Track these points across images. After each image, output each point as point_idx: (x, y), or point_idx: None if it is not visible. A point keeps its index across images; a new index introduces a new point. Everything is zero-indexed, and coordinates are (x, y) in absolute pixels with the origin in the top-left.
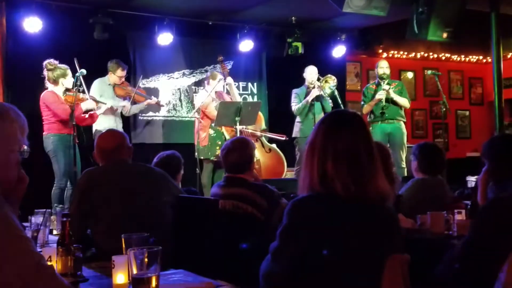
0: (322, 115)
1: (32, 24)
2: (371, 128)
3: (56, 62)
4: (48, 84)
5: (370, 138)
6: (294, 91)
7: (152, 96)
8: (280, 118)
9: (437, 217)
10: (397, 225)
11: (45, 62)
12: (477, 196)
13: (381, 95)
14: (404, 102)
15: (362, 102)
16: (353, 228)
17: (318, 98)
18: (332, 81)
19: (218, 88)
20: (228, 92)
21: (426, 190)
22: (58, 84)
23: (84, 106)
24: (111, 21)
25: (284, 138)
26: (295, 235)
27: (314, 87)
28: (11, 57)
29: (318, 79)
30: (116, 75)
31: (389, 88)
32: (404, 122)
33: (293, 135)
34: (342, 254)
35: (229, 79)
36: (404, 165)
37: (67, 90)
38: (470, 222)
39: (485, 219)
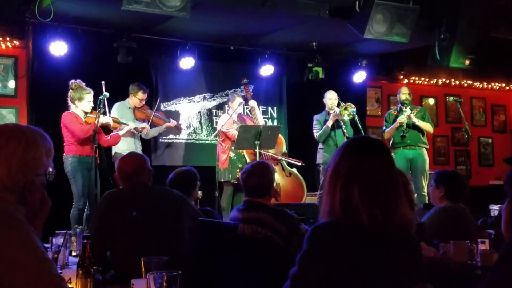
0: (343, 141)
1: (58, 48)
2: (393, 153)
3: (83, 84)
4: (70, 104)
5: (394, 165)
6: (315, 117)
7: (171, 119)
8: (300, 143)
9: (460, 246)
10: (420, 254)
11: (71, 81)
12: (501, 226)
13: (402, 118)
14: (427, 126)
15: (384, 128)
16: (376, 257)
17: (339, 125)
18: (350, 107)
19: (239, 110)
20: (250, 115)
21: (449, 218)
22: (81, 103)
23: (100, 121)
24: (135, 45)
25: (300, 164)
26: (315, 261)
27: (334, 112)
28: (36, 80)
29: (338, 104)
30: (137, 97)
31: (411, 113)
32: (427, 149)
33: (317, 162)
34: (363, 284)
35: (252, 102)
36: (425, 192)
37: (89, 111)
38: (498, 256)
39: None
